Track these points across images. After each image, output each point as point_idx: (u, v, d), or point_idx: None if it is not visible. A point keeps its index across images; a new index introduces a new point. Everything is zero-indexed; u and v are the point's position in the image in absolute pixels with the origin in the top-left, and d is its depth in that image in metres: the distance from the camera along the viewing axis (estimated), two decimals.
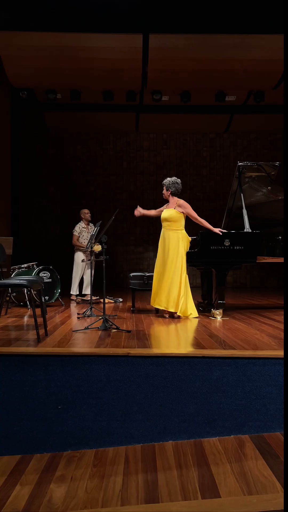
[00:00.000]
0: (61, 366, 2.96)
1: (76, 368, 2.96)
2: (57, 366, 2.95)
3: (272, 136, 10.90)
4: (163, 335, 4.11)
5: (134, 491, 2.14)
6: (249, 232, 5.17)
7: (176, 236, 5.03)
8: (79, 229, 7.26)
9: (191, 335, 3.90)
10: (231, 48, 7.07)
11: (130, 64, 7.29)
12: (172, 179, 5.14)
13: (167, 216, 5.08)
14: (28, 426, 2.73)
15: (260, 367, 2.99)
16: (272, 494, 2.07)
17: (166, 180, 5.19)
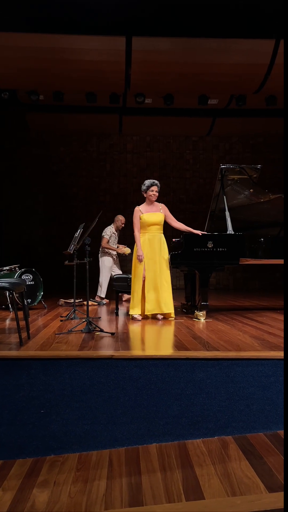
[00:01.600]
0: (44, 370, 2.92)
1: (59, 372, 2.93)
2: (39, 369, 2.92)
3: (254, 139, 11.02)
4: (147, 337, 4.10)
5: (118, 495, 2.13)
6: (232, 234, 5.21)
7: (164, 238, 5.19)
8: (109, 233, 7.22)
9: (175, 337, 3.90)
10: (214, 52, 7.13)
11: (113, 66, 7.28)
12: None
13: (159, 220, 5.14)
14: (10, 430, 2.68)
15: (243, 368, 3.01)
16: (255, 494, 2.08)
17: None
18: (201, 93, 8.35)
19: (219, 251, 5.12)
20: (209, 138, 10.99)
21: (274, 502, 2.02)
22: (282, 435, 2.69)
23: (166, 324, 4.73)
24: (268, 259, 5.46)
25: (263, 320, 5.01)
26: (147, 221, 5.10)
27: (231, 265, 5.34)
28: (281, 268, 10.41)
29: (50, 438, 2.67)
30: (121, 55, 7.09)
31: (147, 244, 5.07)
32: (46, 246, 10.55)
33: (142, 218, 5.11)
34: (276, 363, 3.03)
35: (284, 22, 3.85)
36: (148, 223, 5.10)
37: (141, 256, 5.00)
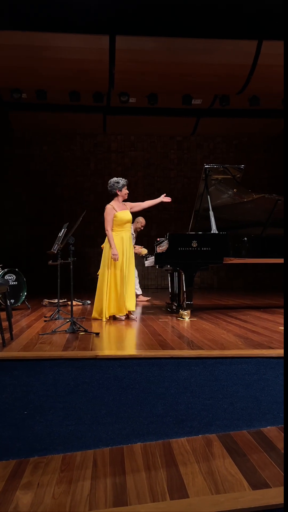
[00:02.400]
0: (27, 371, 2.90)
1: (43, 372, 2.91)
2: (23, 370, 2.89)
3: (237, 139, 11.11)
4: (132, 337, 4.10)
5: (102, 495, 2.12)
6: (216, 234, 5.24)
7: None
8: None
9: (160, 336, 3.91)
10: (198, 52, 7.16)
11: (96, 65, 7.25)
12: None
13: (130, 217, 5.10)
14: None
15: (227, 366, 3.03)
16: (239, 492, 2.09)
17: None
18: (185, 93, 8.38)
19: (203, 250, 5.14)
20: (193, 137, 11.04)
21: (257, 499, 2.04)
22: (265, 432, 2.71)
23: (151, 323, 4.73)
24: (251, 258, 5.51)
25: (246, 318, 5.05)
26: (122, 219, 5.00)
27: (215, 264, 5.37)
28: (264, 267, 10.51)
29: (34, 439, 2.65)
30: (105, 54, 7.07)
31: (121, 242, 4.95)
32: (30, 246, 10.46)
33: (118, 216, 4.99)
34: (260, 361, 3.06)
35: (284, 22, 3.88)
36: (123, 221, 5.01)
37: (117, 255, 4.86)
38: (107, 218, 4.98)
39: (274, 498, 2.03)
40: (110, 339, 3.76)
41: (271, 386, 2.95)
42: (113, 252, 4.86)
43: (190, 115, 9.98)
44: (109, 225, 4.96)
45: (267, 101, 8.58)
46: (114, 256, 4.85)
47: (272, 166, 10.96)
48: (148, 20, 6.81)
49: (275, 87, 8.12)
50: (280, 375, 3.00)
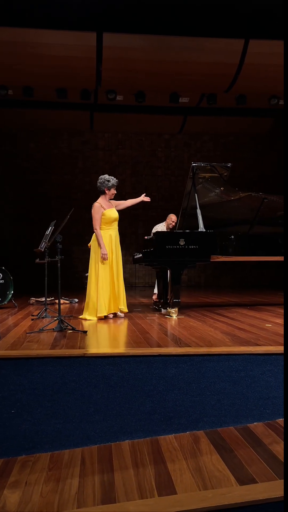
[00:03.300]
0: (14, 369, 2.88)
1: (31, 371, 2.90)
2: (10, 369, 2.88)
3: (224, 138, 11.16)
4: (120, 335, 4.10)
5: (91, 493, 2.12)
6: (203, 232, 5.27)
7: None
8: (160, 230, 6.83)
9: (147, 334, 3.92)
10: (185, 51, 7.17)
11: (84, 62, 7.22)
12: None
13: (117, 216, 5.03)
14: None
15: (214, 363, 3.05)
16: (226, 487, 2.11)
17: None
18: (173, 91, 8.39)
19: (190, 248, 5.16)
20: (181, 136, 11.05)
21: (244, 495, 2.06)
22: (252, 428, 2.74)
23: (138, 321, 4.73)
24: (238, 256, 5.55)
25: (233, 316, 5.09)
26: (110, 217, 4.92)
27: (203, 262, 5.40)
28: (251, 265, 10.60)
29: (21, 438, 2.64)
30: (92, 51, 7.04)
31: (109, 240, 4.88)
32: (16, 244, 10.38)
33: (106, 214, 4.91)
34: (246, 358, 3.09)
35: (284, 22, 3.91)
36: (111, 219, 4.93)
37: (106, 255, 4.78)
38: (96, 217, 4.88)
39: (261, 493, 2.06)
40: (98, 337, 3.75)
41: (258, 382, 2.98)
42: (103, 251, 4.77)
43: (178, 114, 9.99)
44: (98, 224, 4.86)
45: (254, 100, 8.63)
46: (104, 256, 4.75)
47: (258, 165, 11.04)
48: (135, 17, 6.79)
49: (262, 86, 8.18)
50: (267, 371, 3.03)
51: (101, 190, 5.05)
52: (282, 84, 8.07)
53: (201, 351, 3.12)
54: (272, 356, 3.08)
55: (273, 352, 3.10)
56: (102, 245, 4.79)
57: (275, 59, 7.32)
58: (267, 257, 5.94)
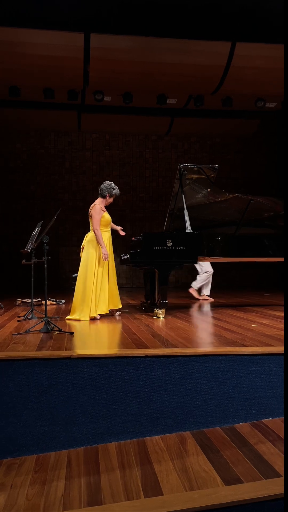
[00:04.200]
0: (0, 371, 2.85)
1: (16, 373, 2.87)
2: None
3: (211, 140, 11.22)
4: (107, 336, 4.09)
5: (77, 495, 2.12)
6: (190, 233, 5.28)
7: None
8: None
9: (134, 335, 3.92)
10: (173, 52, 7.19)
11: (71, 62, 7.20)
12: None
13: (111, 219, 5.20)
14: None
15: (201, 364, 3.06)
16: (212, 488, 2.12)
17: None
18: (160, 93, 8.41)
19: (178, 249, 5.17)
20: (168, 137, 11.09)
21: (230, 495, 2.08)
22: (238, 428, 2.76)
23: (125, 322, 4.73)
24: (225, 257, 5.58)
25: (220, 317, 5.12)
26: (108, 219, 5.10)
27: (190, 263, 5.42)
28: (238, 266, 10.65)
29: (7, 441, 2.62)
30: (79, 52, 7.02)
31: (107, 242, 5.04)
32: (3, 245, 10.29)
33: (105, 217, 5.05)
34: (233, 358, 3.10)
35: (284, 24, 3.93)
36: (108, 222, 5.11)
37: (107, 254, 4.92)
38: (97, 218, 4.96)
39: (247, 493, 2.07)
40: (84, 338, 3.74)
41: (244, 383, 3.00)
42: (104, 251, 4.90)
43: (165, 115, 10.01)
44: (98, 225, 4.96)
45: (240, 102, 8.69)
46: (105, 256, 4.89)
47: (245, 167, 11.12)
48: (123, 19, 6.80)
49: (248, 89, 8.24)
50: (253, 372, 3.05)
51: (103, 194, 5.13)
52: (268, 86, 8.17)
53: (187, 352, 3.13)
54: (258, 356, 3.10)
55: (259, 353, 3.13)
56: (103, 245, 4.91)
57: (261, 62, 7.39)
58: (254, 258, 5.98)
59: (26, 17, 6.56)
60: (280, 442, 2.52)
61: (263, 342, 3.46)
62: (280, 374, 3.03)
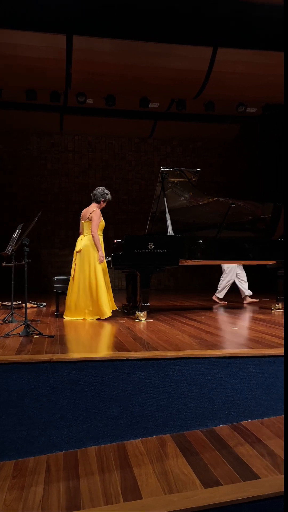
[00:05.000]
0: None
1: None
2: None
3: (194, 143, 11.30)
4: (87, 339, 4.08)
5: (55, 500, 2.10)
6: (172, 236, 5.31)
7: None
8: None
9: (115, 338, 3.91)
10: (155, 56, 7.22)
11: (53, 64, 7.16)
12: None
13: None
14: None
15: (181, 367, 3.08)
16: (191, 491, 2.13)
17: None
18: (143, 96, 8.44)
19: (159, 252, 5.19)
20: (151, 140, 11.12)
21: (209, 498, 2.09)
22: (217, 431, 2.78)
23: (107, 325, 4.72)
24: (206, 260, 5.62)
25: (201, 319, 5.15)
26: (104, 225, 5.30)
27: (171, 266, 5.44)
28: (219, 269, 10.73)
29: None
30: (62, 53, 7.00)
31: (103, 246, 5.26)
32: None
33: (102, 221, 5.27)
34: (213, 361, 3.13)
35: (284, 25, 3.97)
36: (103, 226, 5.30)
37: (103, 257, 5.11)
38: (97, 221, 5.16)
39: (225, 496, 2.09)
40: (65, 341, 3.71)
41: (224, 385, 3.02)
42: (101, 254, 5.09)
43: (148, 118, 10.05)
44: (98, 228, 5.15)
45: (222, 107, 8.78)
46: (102, 258, 5.08)
47: (227, 171, 11.22)
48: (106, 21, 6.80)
49: (230, 94, 8.34)
50: (233, 374, 3.08)
51: (97, 200, 5.31)
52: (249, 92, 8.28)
53: (168, 355, 3.14)
54: (238, 359, 3.13)
55: (239, 355, 3.16)
56: (100, 248, 5.10)
57: (242, 68, 7.48)
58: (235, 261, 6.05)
59: (7, 18, 6.50)
60: (259, 444, 2.55)
61: (242, 345, 3.49)
62: (259, 376, 3.06)
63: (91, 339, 4.10)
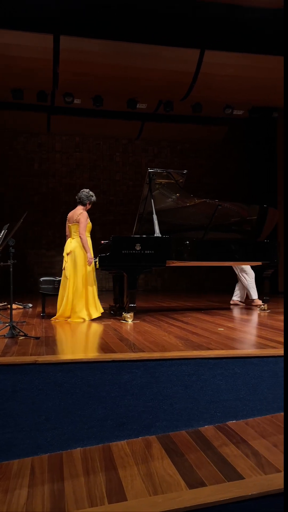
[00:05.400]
0: None
1: None
2: None
3: (181, 145, 11.34)
4: (74, 341, 4.06)
5: (40, 503, 2.09)
6: (159, 237, 5.32)
7: None
8: None
9: (102, 340, 3.90)
10: (142, 57, 7.23)
11: (40, 64, 7.13)
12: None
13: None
14: None
15: (167, 368, 3.08)
16: (176, 492, 2.14)
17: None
18: (130, 97, 8.44)
19: (146, 253, 5.20)
20: (139, 141, 11.13)
21: (193, 498, 2.09)
22: (202, 431, 2.79)
23: (94, 326, 4.71)
24: (193, 261, 5.64)
25: (188, 320, 5.16)
26: (91, 226, 5.31)
27: (158, 267, 5.45)
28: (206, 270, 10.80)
29: None
30: (49, 53, 6.97)
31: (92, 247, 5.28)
32: None
33: (89, 223, 5.29)
34: (199, 362, 3.14)
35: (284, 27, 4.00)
36: (90, 228, 5.31)
37: (92, 258, 5.14)
38: (85, 223, 5.18)
39: (210, 496, 2.09)
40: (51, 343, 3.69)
41: (209, 386, 3.04)
42: (89, 256, 5.11)
43: (135, 119, 10.05)
44: (85, 230, 5.17)
45: (210, 109, 8.83)
46: (91, 260, 5.11)
47: (215, 172, 11.29)
48: (93, 22, 6.80)
49: (217, 96, 8.39)
50: (218, 375, 3.09)
51: (83, 203, 5.33)
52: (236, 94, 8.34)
53: (154, 356, 3.14)
54: (223, 360, 3.15)
55: (224, 356, 3.17)
56: (88, 250, 5.13)
57: (230, 70, 7.54)
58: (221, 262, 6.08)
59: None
60: (243, 444, 2.57)
61: (228, 346, 3.51)
62: (244, 377, 3.08)
63: (77, 340, 4.09)
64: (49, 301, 5.57)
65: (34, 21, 6.64)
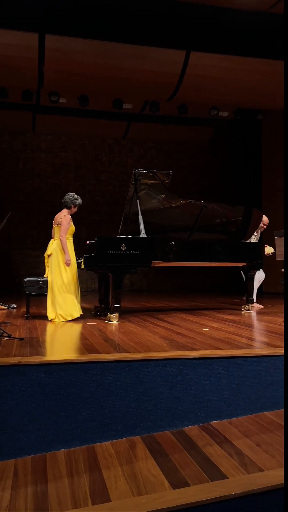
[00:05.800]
0: None
1: None
2: None
3: (167, 145, 11.37)
4: (58, 341, 4.04)
5: (23, 505, 2.07)
6: (144, 238, 5.32)
7: None
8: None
9: (86, 340, 3.89)
10: (128, 58, 7.24)
11: (25, 62, 7.08)
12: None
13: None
14: None
15: (151, 368, 3.08)
16: (160, 492, 2.14)
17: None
18: (116, 97, 8.44)
19: (132, 253, 5.19)
20: (125, 141, 11.13)
21: (177, 499, 2.10)
22: (186, 431, 2.80)
23: (78, 327, 4.69)
24: (178, 261, 5.65)
25: (173, 320, 5.18)
26: (73, 229, 5.34)
27: (144, 267, 5.45)
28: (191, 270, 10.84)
29: None
30: (34, 52, 6.93)
31: (72, 250, 5.29)
32: None
33: (72, 226, 5.31)
34: (183, 362, 3.15)
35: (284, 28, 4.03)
36: (73, 231, 5.35)
37: (70, 260, 5.16)
38: (66, 226, 5.22)
39: (193, 496, 2.10)
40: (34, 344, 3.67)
41: (193, 386, 3.05)
42: (68, 257, 5.16)
43: (121, 119, 10.06)
44: (65, 233, 5.21)
45: (195, 110, 8.88)
46: (68, 262, 5.15)
47: (200, 173, 11.35)
48: (79, 21, 6.78)
49: (202, 97, 8.44)
50: (202, 375, 3.10)
51: (68, 206, 5.37)
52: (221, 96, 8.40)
53: (139, 357, 3.14)
54: (207, 360, 3.16)
55: (208, 356, 3.19)
56: (68, 252, 5.17)
57: (215, 72, 7.59)
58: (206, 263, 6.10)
59: None
60: (227, 444, 2.58)
61: (212, 346, 3.53)
62: (228, 377, 3.11)
63: (61, 341, 4.07)
64: (33, 302, 5.53)
65: (19, 20, 6.60)
